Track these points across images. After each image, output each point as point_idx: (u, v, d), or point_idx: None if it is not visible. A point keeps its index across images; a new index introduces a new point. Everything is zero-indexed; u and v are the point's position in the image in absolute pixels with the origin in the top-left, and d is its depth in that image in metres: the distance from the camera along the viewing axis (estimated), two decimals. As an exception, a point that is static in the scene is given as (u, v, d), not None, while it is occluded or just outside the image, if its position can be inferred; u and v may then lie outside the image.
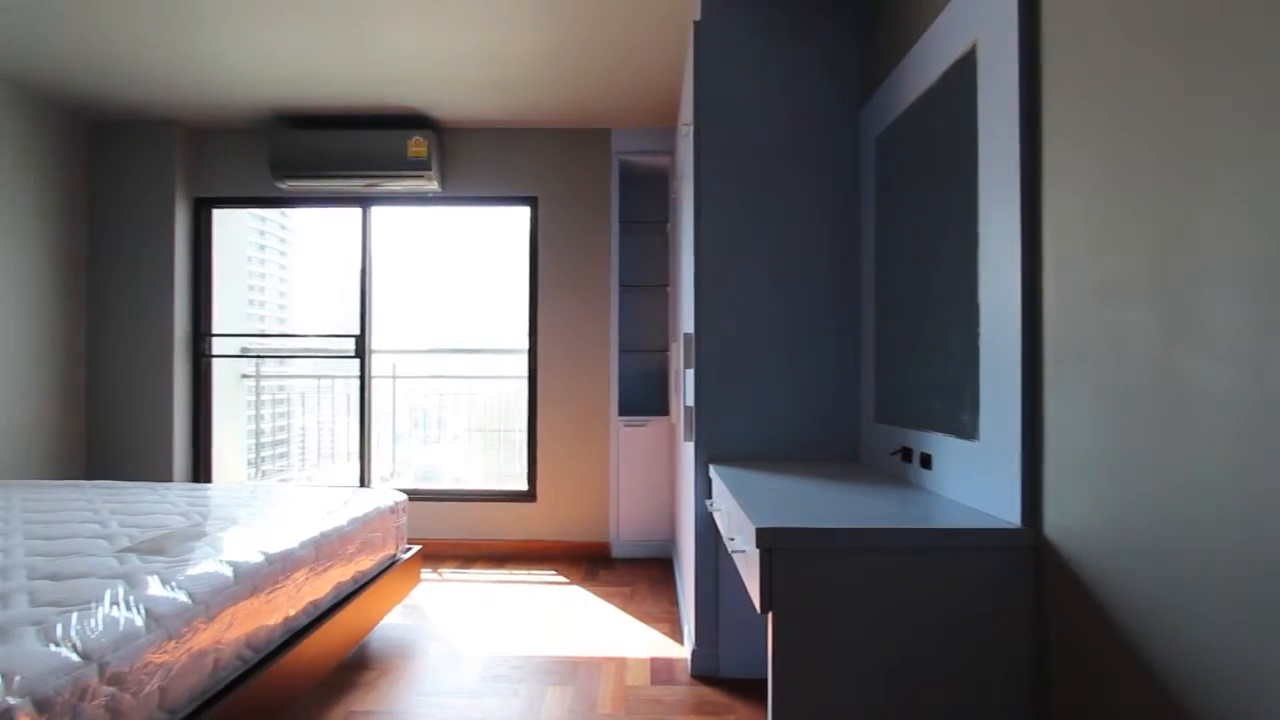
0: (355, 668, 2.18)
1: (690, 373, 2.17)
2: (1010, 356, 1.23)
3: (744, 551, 1.39)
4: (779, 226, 2.09)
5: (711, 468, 1.99)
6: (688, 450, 2.28)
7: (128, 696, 1.17)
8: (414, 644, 2.39)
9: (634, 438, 3.43)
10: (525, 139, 3.53)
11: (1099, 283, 1.03)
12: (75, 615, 1.21)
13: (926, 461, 1.59)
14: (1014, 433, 1.22)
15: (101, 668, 1.13)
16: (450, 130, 3.53)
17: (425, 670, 2.19)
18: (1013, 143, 1.23)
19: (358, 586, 2.14)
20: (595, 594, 2.92)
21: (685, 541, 2.49)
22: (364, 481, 3.67)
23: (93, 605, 1.26)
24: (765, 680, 2.02)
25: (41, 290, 3.21)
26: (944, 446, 1.50)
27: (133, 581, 1.39)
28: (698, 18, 2.12)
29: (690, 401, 2.18)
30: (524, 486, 3.59)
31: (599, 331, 3.51)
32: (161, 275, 3.46)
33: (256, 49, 2.69)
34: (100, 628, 1.19)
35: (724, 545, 2.01)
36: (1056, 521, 1.14)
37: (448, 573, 3.22)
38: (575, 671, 2.17)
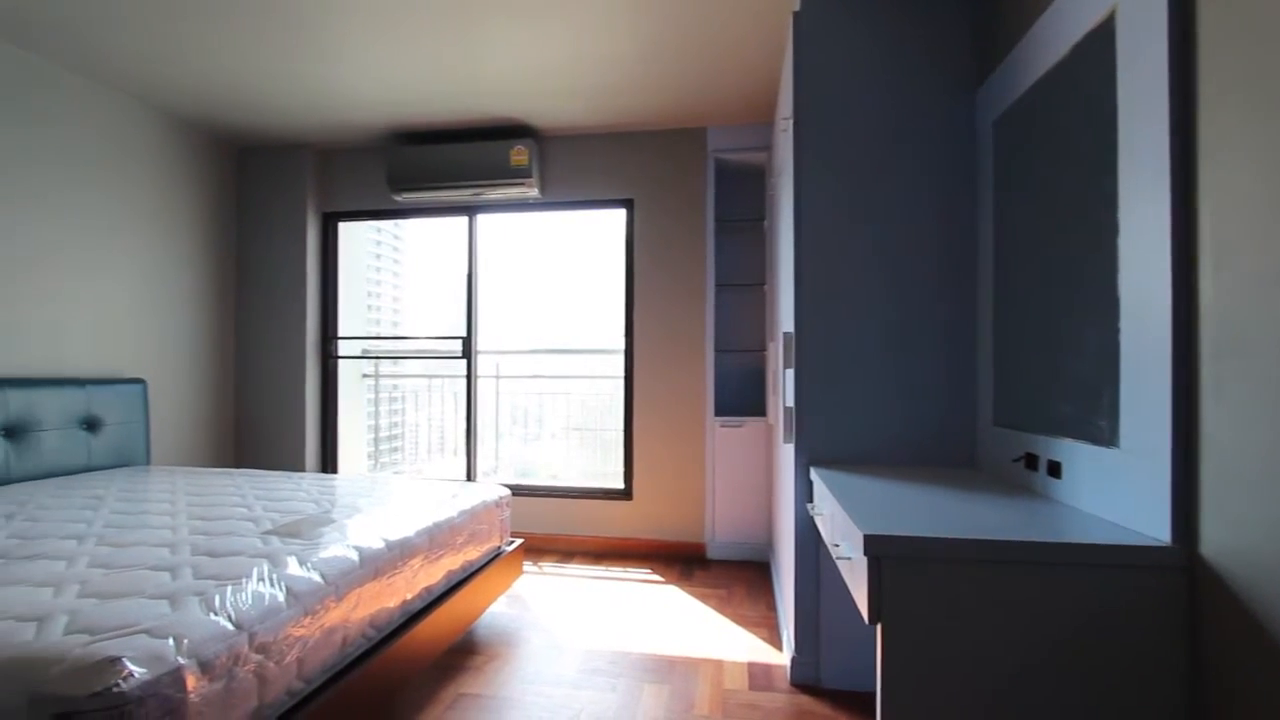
0: (464, 652, 2.30)
1: (790, 373, 2.12)
2: (1158, 353, 1.11)
3: (849, 559, 1.34)
4: (885, 219, 2.00)
5: (813, 470, 1.93)
6: (787, 452, 2.22)
7: (272, 664, 1.30)
8: (517, 633, 2.48)
9: (730, 438, 3.39)
10: (621, 143, 3.59)
11: (1272, 269, 0.90)
12: (229, 588, 1.36)
13: (1055, 470, 1.46)
14: (1163, 439, 1.09)
15: (251, 637, 1.25)
16: (549, 138, 3.64)
17: (527, 659, 2.27)
18: (1160, 116, 1.10)
19: (466, 575, 2.25)
20: (691, 594, 2.91)
21: (784, 545, 2.43)
22: (470, 476, 3.86)
23: (243, 580, 1.40)
24: (870, 693, 1.94)
25: (200, 300, 3.62)
26: (1076, 454, 1.37)
27: (275, 561, 1.54)
28: (797, 8, 2.06)
29: (790, 402, 2.12)
30: (620, 485, 3.64)
31: (694, 331, 3.50)
32: (295, 284, 3.82)
33: (375, 75, 2.91)
34: (249, 601, 1.32)
35: (826, 550, 1.95)
36: (1215, 539, 1.01)
37: (547, 566, 3.33)
38: (671, 671, 2.18)
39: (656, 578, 3.15)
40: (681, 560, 3.43)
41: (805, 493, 2.02)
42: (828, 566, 1.99)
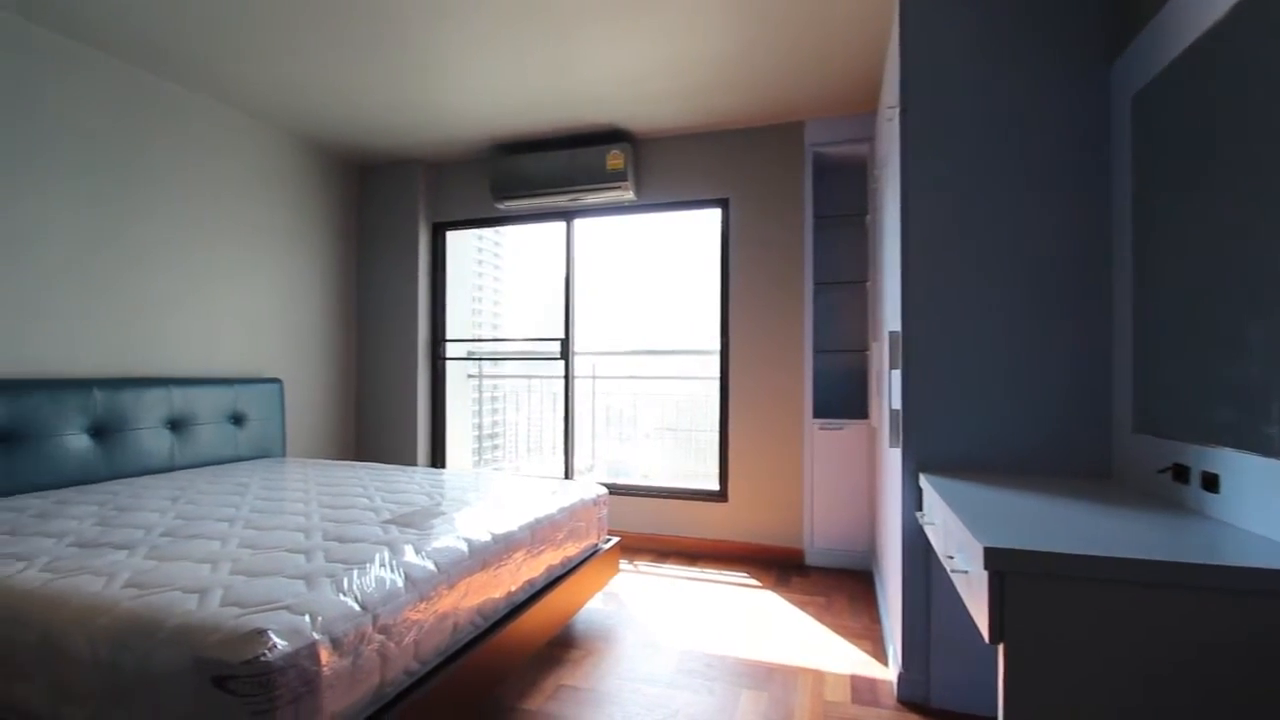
0: (563, 645, 2.36)
1: (896, 374, 2.02)
2: (1348, 353, 0.96)
3: (966, 572, 1.25)
4: (1004, 208, 1.86)
5: (922, 477, 1.83)
6: (893, 457, 2.12)
7: (392, 645, 1.39)
8: (614, 630, 2.52)
9: (830, 441, 3.28)
10: (715, 142, 3.56)
11: None
12: (355, 572, 1.47)
13: (1211, 483, 1.30)
14: (1355, 452, 0.94)
15: (375, 618, 1.35)
16: (644, 141, 3.68)
17: (624, 656, 2.29)
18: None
19: (565, 571, 2.31)
20: (789, 601, 2.84)
21: (889, 554, 2.32)
22: (568, 474, 3.96)
23: (366, 565, 1.51)
24: (984, 717, 1.81)
25: (327, 306, 3.95)
26: (1239, 466, 1.22)
27: (394, 548, 1.64)
28: (903, -10, 1.96)
29: (897, 405, 2.02)
30: (715, 486, 3.62)
31: (792, 331, 3.42)
32: (408, 290, 4.08)
33: (477, 92, 3.05)
34: (373, 585, 1.43)
35: (936, 562, 1.84)
36: None
37: (643, 565, 3.36)
38: (770, 678, 2.13)
39: (753, 582, 3.10)
40: (778, 565, 3.35)
41: (913, 500, 1.92)
42: (939, 579, 1.88)
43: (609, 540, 2.74)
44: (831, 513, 3.28)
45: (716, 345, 3.63)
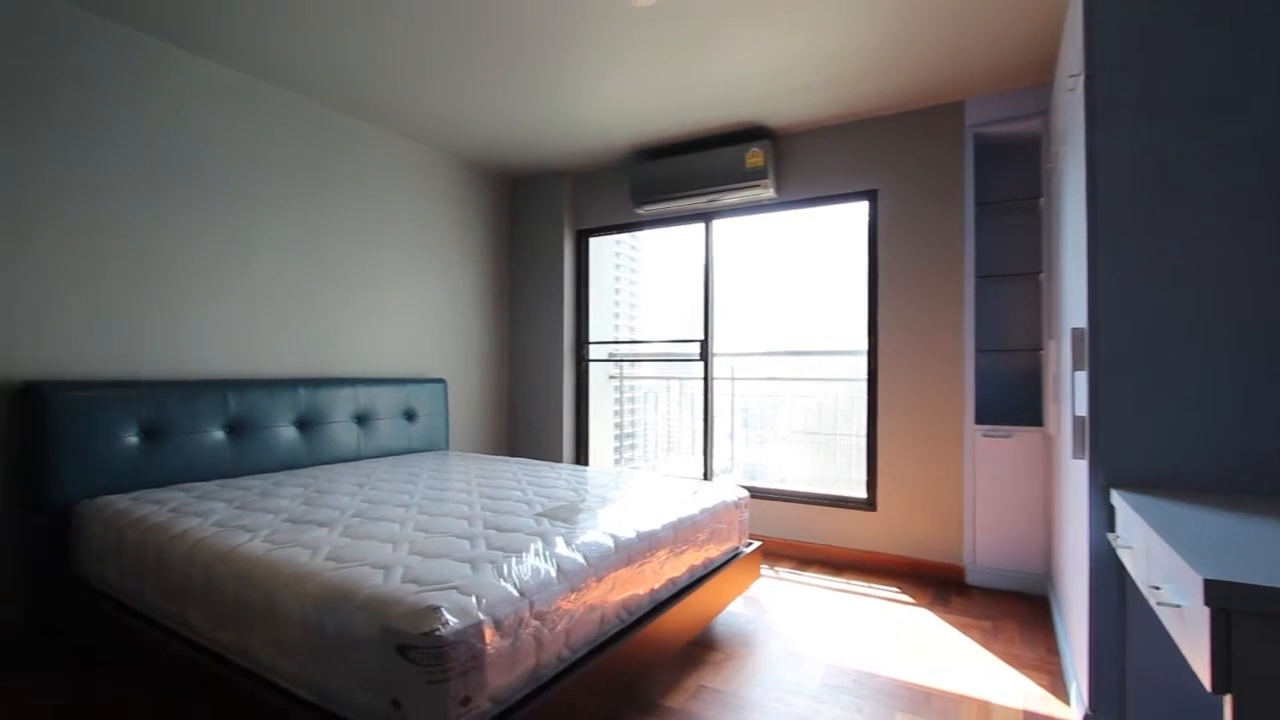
0: (704, 646, 2.36)
1: (1081, 375, 1.79)
2: None
3: (1178, 606, 1.08)
4: (1215, 181, 1.58)
5: (1114, 493, 1.60)
6: (1077, 469, 1.88)
7: (546, 631, 1.47)
8: (755, 636, 2.48)
9: (995, 450, 2.98)
10: (862, 131, 3.39)
11: None
12: (513, 559, 1.57)
13: None
14: None
15: (531, 604, 1.43)
16: (785, 136, 3.59)
17: (767, 663, 2.24)
18: None
19: (706, 572, 2.31)
20: (948, 622, 2.62)
21: (1071, 579, 2.06)
22: (707, 475, 3.96)
23: (522, 554, 1.61)
24: (1208, 781, 1.54)
25: (483, 311, 4.29)
26: None
27: (547, 540, 1.74)
28: (1087, -58, 1.73)
29: (1082, 410, 1.79)
30: (862, 494, 3.43)
31: (950, 329, 3.15)
32: (555, 295, 4.31)
33: (618, 101, 3.15)
34: (529, 574, 1.52)
35: (1133, 591, 1.60)
36: None
37: (784, 572, 3.26)
38: (928, 703, 1.98)
39: (906, 598, 2.90)
40: (935, 582, 3.11)
41: (1103, 519, 1.68)
42: (1138, 611, 1.63)
43: (750, 544, 2.69)
44: (998, 529, 2.98)
45: (863, 345, 3.45)
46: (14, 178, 2.24)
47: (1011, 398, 3.10)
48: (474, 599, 1.33)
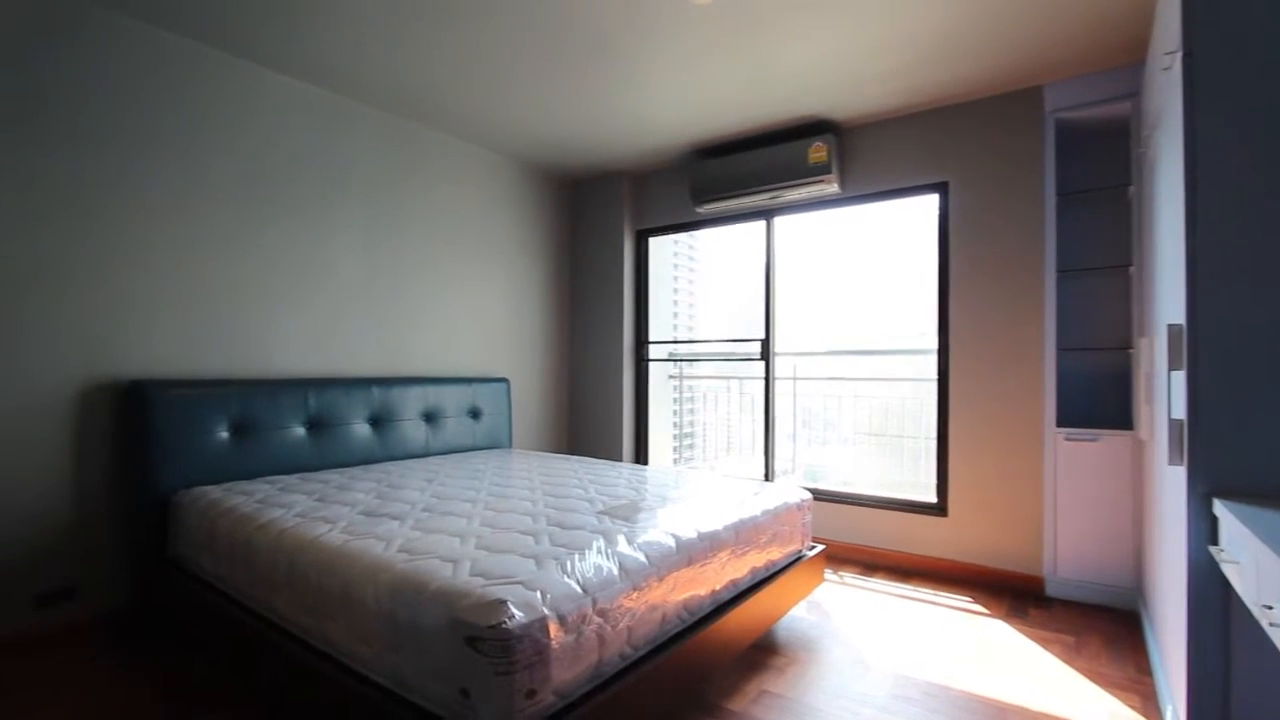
0: (766, 650, 2.33)
1: (1179, 375, 1.66)
2: None
3: (1296, 629, 0.98)
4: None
5: (1217, 503, 1.48)
6: (1174, 477, 1.75)
7: (609, 628, 1.48)
8: (818, 641, 2.42)
9: (1079, 454, 2.81)
10: (932, 122, 3.26)
11: None
12: (576, 556, 1.59)
13: None
14: None
15: (594, 601, 1.45)
16: (849, 130, 3.49)
17: (831, 670, 2.19)
18: None
19: (768, 575, 2.28)
20: (1026, 635, 2.49)
21: (1166, 594, 1.91)
22: (768, 476, 3.90)
23: (585, 551, 1.63)
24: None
25: (545, 311, 4.36)
26: None
27: (609, 538, 1.75)
28: (1185, -92, 1.61)
29: (1179, 413, 1.66)
30: (932, 498, 3.30)
31: (1028, 327, 2.99)
32: (615, 296, 4.34)
33: (677, 100, 3.14)
34: (591, 571, 1.53)
35: (1240, 609, 1.48)
36: None
37: (849, 577, 3.18)
38: (1003, 719, 1.89)
39: (979, 608, 2.77)
40: (1011, 592, 2.95)
41: (1204, 531, 1.56)
42: (1246, 631, 1.51)
43: (813, 547, 2.64)
44: (1082, 538, 2.81)
45: (932, 344, 3.32)
46: (138, 198, 2.46)
47: (1097, 399, 2.91)
48: (539, 594, 1.36)
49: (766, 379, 3.89)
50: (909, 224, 3.85)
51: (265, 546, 1.87)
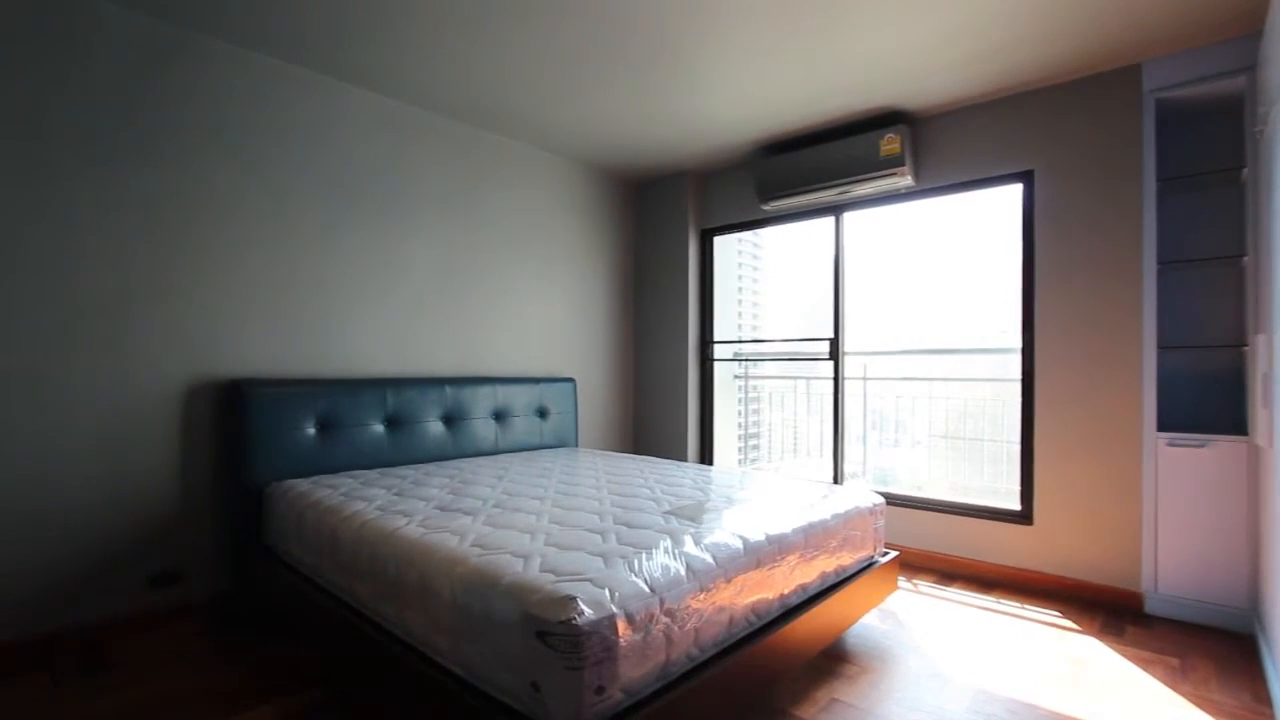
0: (836, 658, 2.26)
1: (1303, 376, 1.50)
2: None
3: None
4: None
5: (1353, 518, 1.33)
6: (1297, 488, 1.59)
7: (676, 629, 1.47)
8: (892, 651, 2.34)
9: (1184, 461, 2.59)
10: (1015, 107, 3.08)
11: None
12: (643, 555, 1.59)
13: None
14: None
15: (661, 600, 1.45)
16: (924, 120, 3.35)
17: (905, 681, 2.11)
18: None
19: (839, 580, 2.21)
20: (1122, 654, 2.32)
21: (1289, 618, 1.74)
22: (837, 479, 3.80)
23: (652, 551, 1.63)
24: None
25: (610, 311, 4.40)
26: None
27: (675, 539, 1.75)
28: None
29: (1304, 418, 1.51)
30: (1015, 505, 3.13)
31: (1124, 323, 2.79)
32: (679, 295, 4.33)
33: (742, 96, 3.10)
34: (659, 571, 1.53)
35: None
36: None
37: (924, 586, 3.05)
38: (1100, 744, 1.76)
39: (1069, 624, 2.61)
40: (1105, 608, 2.76)
41: (1337, 549, 1.40)
42: (1386, 663, 1.35)
43: (886, 554, 2.55)
44: (1187, 552, 2.59)
45: (1015, 342, 3.14)
46: (230, 212, 2.64)
47: (1203, 402, 2.68)
48: (607, 592, 1.37)
49: (836, 379, 3.79)
50: (989, 216, 3.67)
51: (349, 537, 1.97)
